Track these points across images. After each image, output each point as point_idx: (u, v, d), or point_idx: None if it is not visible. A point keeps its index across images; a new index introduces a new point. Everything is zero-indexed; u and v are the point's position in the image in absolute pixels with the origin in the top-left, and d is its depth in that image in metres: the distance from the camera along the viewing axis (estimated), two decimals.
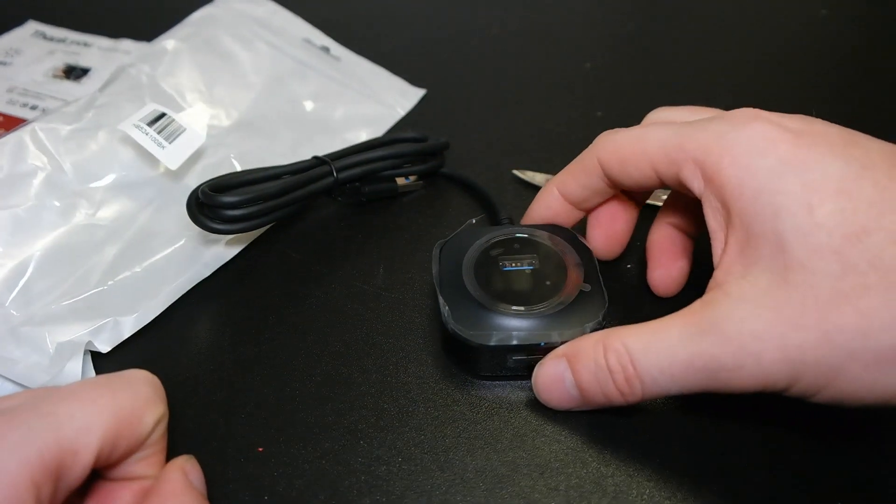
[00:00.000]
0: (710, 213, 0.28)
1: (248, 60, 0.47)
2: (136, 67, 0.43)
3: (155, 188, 0.40)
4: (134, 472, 0.25)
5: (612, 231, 0.36)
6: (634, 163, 0.30)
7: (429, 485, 0.29)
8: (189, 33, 0.46)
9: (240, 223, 0.36)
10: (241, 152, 0.42)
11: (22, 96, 0.49)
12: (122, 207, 0.39)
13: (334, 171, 0.39)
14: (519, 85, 0.52)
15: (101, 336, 0.34)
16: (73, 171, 0.38)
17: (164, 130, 0.38)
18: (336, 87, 0.48)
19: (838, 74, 0.54)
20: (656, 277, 0.35)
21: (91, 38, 0.55)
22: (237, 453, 0.30)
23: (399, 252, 0.39)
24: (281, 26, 0.51)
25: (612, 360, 0.28)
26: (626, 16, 0.61)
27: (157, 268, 0.37)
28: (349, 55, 0.52)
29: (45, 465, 0.21)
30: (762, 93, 0.51)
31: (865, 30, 0.60)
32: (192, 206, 0.36)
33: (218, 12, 0.49)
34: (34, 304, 0.35)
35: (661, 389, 0.27)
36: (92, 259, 0.37)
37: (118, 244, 0.37)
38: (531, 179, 0.43)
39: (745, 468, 0.29)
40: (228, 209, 0.35)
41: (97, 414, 0.23)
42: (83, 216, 0.37)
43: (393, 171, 0.41)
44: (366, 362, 0.34)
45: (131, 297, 0.36)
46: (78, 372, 0.32)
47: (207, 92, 0.44)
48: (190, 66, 0.44)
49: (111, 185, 0.39)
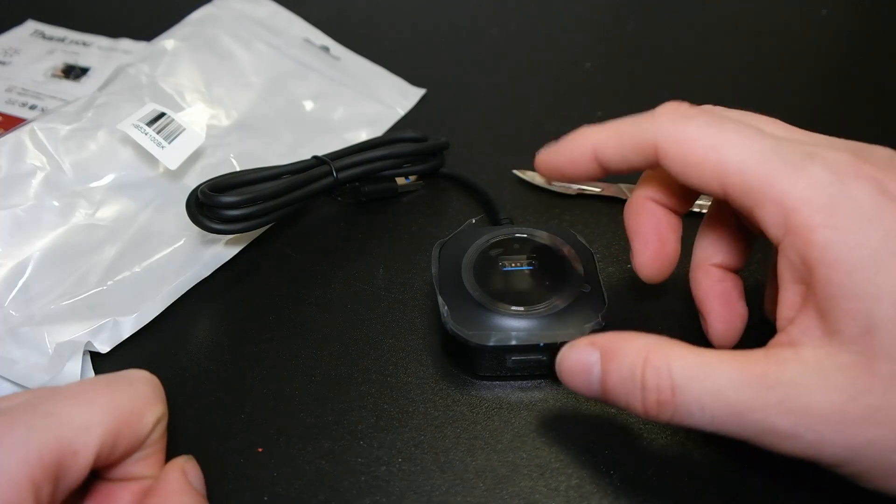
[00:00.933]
0: (787, 266, 0.25)
1: (248, 60, 0.47)
2: (136, 67, 0.43)
3: (154, 188, 0.39)
4: (133, 472, 0.25)
5: (664, 254, 0.31)
6: (701, 170, 0.26)
7: (429, 485, 0.29)
8: (188, 33, 0.46)
9: (239, 223, 0.36)
10: (241, 152, 0.42)
11: (21, 96, 0.49)
12: (121, 207, 0.39)
13: (334, 170, 0.39)
14: (519, 85, 0.52)
15: (101, 336, 0.34)
16: (72, 171, 0.38)
17: (163, 130, 0.38)
18: (336, 87, 0.48)
19: (839, 74, 0.54)
20: (718, 331, 0.31)
21: (90, 38, 0.55)
22: (237, 453, 0.30)
23: (399, 252, 0.39)
24: (281, 26, 0.51)
25: (650, 376, 0.25)
26: (626, 16, 0.61)
27: (156, 268, 0.37)
28: (349, 55, 0.52)
29: (44, 465, 0.21)
30: (762, 93, 0.51)
31: (866, 29, 0.60)
32: (192, 206, 0.36)
33: (217, 12, 0.49)
34: (33, 305, 0.35)
35: (694, 424, 0.25)
36: (91, 259, 0.37)
37: (118, 244, 0.37)
38: (531, 179, 0.43)
39: (745, 468, 0.29)
40: (228, 209, 0.35)
41: (97, 414, 0.23)
42: (83, 216, 0.37)
43: (392, 170, 0.41)
44: (366, 362, 0.34)
45: (131, 297, 0.36)
46: (77, 372, 0.32)
47: (207, 92, 0.44)
48: (189, 65, 0.44)
49: (111, 185, 0.39)
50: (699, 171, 0.26)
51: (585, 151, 0.30)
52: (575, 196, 0.42)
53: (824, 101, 0.51)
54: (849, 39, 0.59)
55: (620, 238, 0.40)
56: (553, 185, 0.42)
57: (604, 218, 0.41)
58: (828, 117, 0.49)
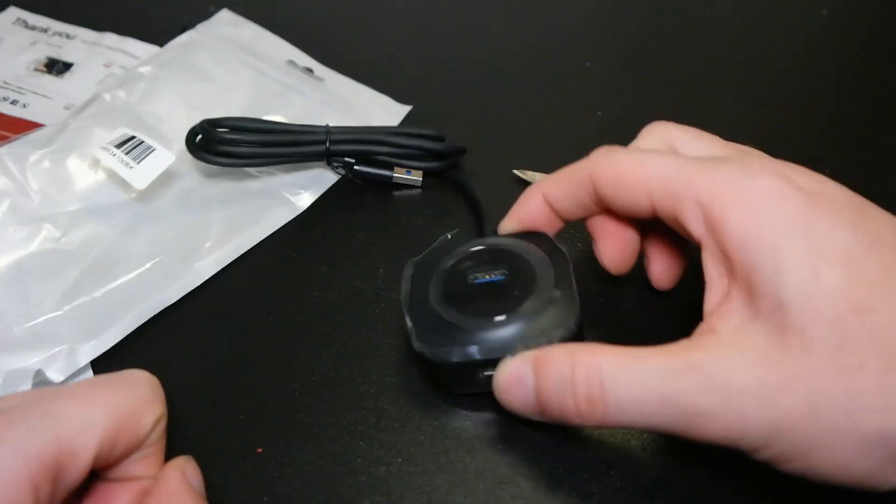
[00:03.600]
0: (710, 258, 0.27)
1: (229, 83, 0.46)
2: (112, 93, 0.43)
3: (126, 212, 0.39)
4: (132, 472, 0.25)
5: (622, 242, 0.33)
6: (630, 187, 0.29)
7: (429, 485, 0.29)
8: (169, 58, 0.46)
9: (228, 158, 0.39)
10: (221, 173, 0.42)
11: (2, 90, 0.48)
12: (90, 231, 0.38)
13: (328, 141, 0.41)
14: (519, 85, 0.52)
15: (55, 364, 0.33)
16: (39, 196, 0.38)
17: (132, 152, 0.38)
18: (319, 108, 0.47)
19: (839, 74, 0.54)
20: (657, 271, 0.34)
21: (74, 30, 0.53)
22: (236, 454, 0.30)
23: (399, 252, 0.39)
24: (264, 49, 0.51)
25: (579, 373, 0.26)
26: (626, 16, 0.61)
27: (120, 292, 0.36)
28: (333, 75, 0.51)
29: (44, 466, 0.21)
30: (762, 93, 0.51)
31: (867, 29, 0.59)
32: (191, 138, 0.40)
33: (200, 37, 0.49)
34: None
35: (626, 420, 0.26)
36: (50, 284, 0.36)
37: (80, 267, 0.37)
38: (531, 179, 0.43)
39: (744, 467, 0.29)
40: (222, 144, 0.39)
41: (96, 414, 0.23)
42: (47, 241, 0.37)
43: (392, 159, 0.42)
44: (366, 362, 0.34)
45: (89, 323, 0.35)
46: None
47: (185, 116, 0.43)
48: (167, 91, 0.44)
49: (80, 210, 0.38)
50: (629, 189, 0.29)
51: (539, 201, 0.33)
52: None
53: (824, 101, 0.51)
54: (849, 39, 0.58)
55: None
56: None
57: None
58: (828, 117, 0.49)
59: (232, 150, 0.40)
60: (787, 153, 0.45)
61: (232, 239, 0.39)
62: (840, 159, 0.45)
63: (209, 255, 0.38)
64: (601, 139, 0.33)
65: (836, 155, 0.45)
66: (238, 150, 0.40)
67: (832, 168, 0.44)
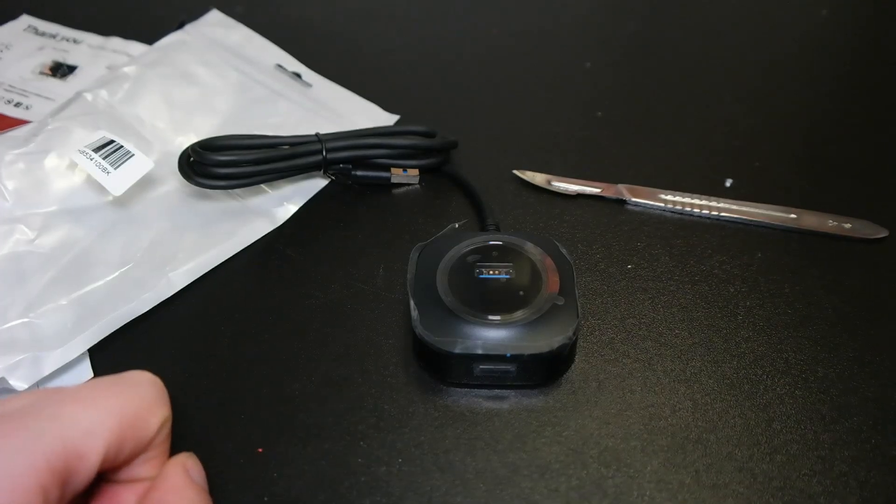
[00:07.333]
0: None
1: (215, 87, 0.46)
2: (93, 93, 0.43)
3: (103, 215, 0.39)
4: (138, 474, 0.25)
5: None
6: None
7: (429, 486, 0.29)
8: (154, 59, 0.46)
9: (223, 181, 0.39)
10: None
11: (8, 93, 0.48)
12: (65, 234, 0.37)
13: (324, 150, 0.40)
14: (519, 85, 0.52)
15: (18, 372, 0.32)
16: (13, 197, 0.37)
17: (110, 156, 0.38)
18: (304, 114, 0.46)
19: (839, 75, 0.54)
20: None
21: (82, 35, 0.54)
22: (237, 454, 0.30)
23: (399, 252, 0.39)
24: (253, 53, 0.50)
25: None
26: (626, 16, 0.61)
27: (89, 299, 0.35)
28: (322, 81, 0.50)
29: (52, 470, 0.21)
30: (762, 93, 0.51)
31: (866, 30, 0.60)
32: (183, 162, 0.39)
33: (188, 39, 0.48)
34: None
35: None
36: (18, 288, 0.35)
37: (50, 272, 0.36)
38: (531, 179, 0.43)
39: (744, 468, 0.29)
40: (215, 167, 0.38)
41: (103, 417, 0.23)
42: (20, 243, 0.36)
43: (388, 160, 0.42)
44: (366, 363, 0.34)
45: (56, 331, 0.33)
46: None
47: (168, 118, 0.43)
48: (150, 92, 0.44)
49: (56, 211, 0.38)
50: None
51: None
52: (575, 197, 0.42)
53: (824, 102, 0.51)
54: (849, 39, 0.59)
55: (619, 239, 0.40)
56: (552, 186, 0.43)
57: (603, 219, 0.41)
58: (828, 118, 0.49)
59: (228, 171, 0.38)
60: (786, 153, 0.46)
61: (209, 249, 0.38)
62: (840, 159, 0.45)
63: (183, 265, 0.37)
64: (601, 139, 0.33)
65: (835, 155, 0.46)
66: (235, 171, 0.38)
67: (832, 168, 0.44)
